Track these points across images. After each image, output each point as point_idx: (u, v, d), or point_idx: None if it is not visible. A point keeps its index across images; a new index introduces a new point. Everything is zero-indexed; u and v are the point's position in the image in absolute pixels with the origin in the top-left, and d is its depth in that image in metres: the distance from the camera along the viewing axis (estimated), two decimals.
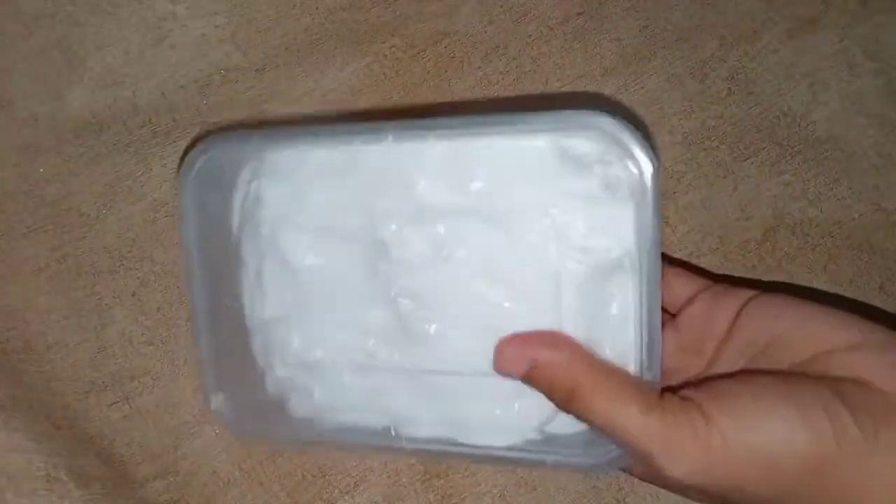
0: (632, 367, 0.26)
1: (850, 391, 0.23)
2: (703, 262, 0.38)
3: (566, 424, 0.28)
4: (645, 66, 0.39)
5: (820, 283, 0.37)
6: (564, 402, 0.25)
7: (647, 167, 0.24)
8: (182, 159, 0.31)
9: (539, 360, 0.25)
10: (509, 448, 0.28)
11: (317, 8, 0.40)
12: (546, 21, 0.40)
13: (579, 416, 0.25)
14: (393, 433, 0.29)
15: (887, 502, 0.22)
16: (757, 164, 0.38)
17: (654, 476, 0.25)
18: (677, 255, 0.38)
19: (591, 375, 0.24)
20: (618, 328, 0.26)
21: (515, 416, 0.28)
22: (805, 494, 0.23)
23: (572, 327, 0.26)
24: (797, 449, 0.22)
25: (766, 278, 0.37)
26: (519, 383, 0.26)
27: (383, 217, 0.28)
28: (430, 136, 0.27)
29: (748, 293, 0.28)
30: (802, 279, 0.37)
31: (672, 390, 0.26)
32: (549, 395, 0.25)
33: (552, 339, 0.26)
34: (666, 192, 0.38)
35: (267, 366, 0.31)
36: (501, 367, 0.26)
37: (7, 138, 0.39)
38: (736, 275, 0.37)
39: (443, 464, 0.36)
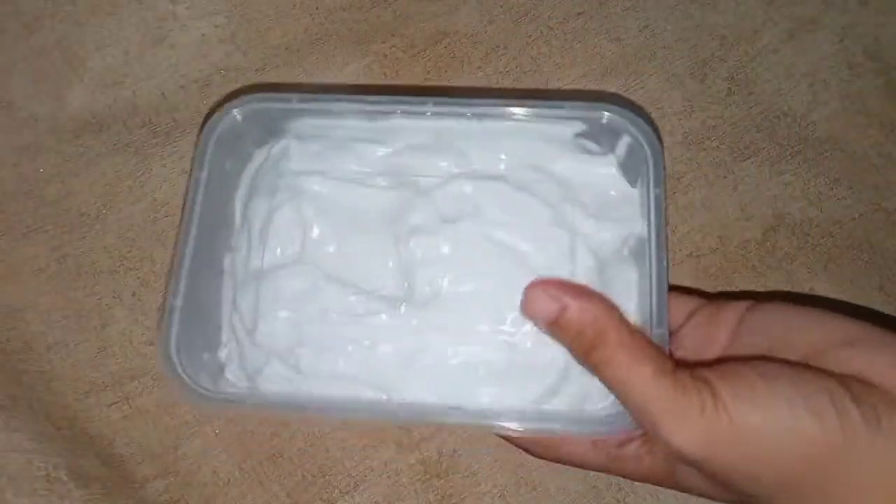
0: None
1: (853, 385, 0.23)
2: (703, 262, 0.38)
3: (562, 404, 0.28)
4: (645, 66, 0.39)
5: (820, 283, 0.37)
6: (585, 351, 0.25)
7: (654, 152, 0.28)
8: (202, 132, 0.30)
9: (571, 306, 0.24)
10: (512, 414, 0.27)
11: (317, 8, 0.40)
12: (546, 21, 0.40)
13: (595, 368, 0.25)
14: (384, 398, 0.28)
15: (891, 492, 0.22)
16: (757, 164, 0.38)
17: (650, 453, 0.26)
18: (677, 255, 0.38)
19: (617, 329, 0.24)
20: (626, 296, 0.28)
21: (516, 383, 0.28)
22: (806, 481, 0.23)
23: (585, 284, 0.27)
24: (802, 434, 0.22)
25: (766, 278, 0.37)
26: (522, 349, 0.27)
27: (413, 180, 0.29)
28: (467, 113, 0.29)
29: (745, 304, 0.28)
30: (802, 279, 0.37)
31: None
32: (572, 343, 0.25)
33: (583, 289, 0.26)
34: (666, 192, 0.38)
35: (252, 323, 0.28)
36: (530, 310, 0.25)
37: (7, 138, 0.39)
38: (736, 275, 0.37)
39: (443, 464, 0.36)
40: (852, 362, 0.24)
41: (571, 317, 0.25)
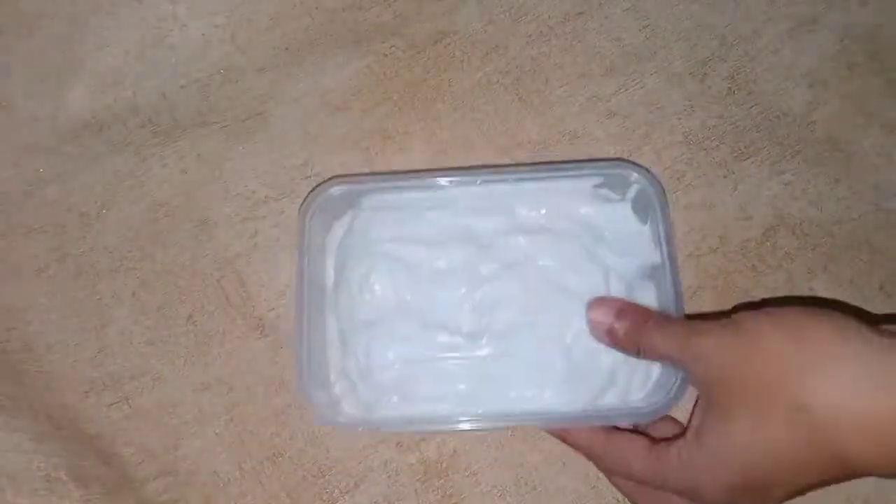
0: None
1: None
2: (703, 262, 0.38)
3: (614, 397, 0.34)
4: (645, 66, 0.39)
5: (820, 283, 0.37)
6: (634, 342, 0.31)
7: (662, 200, 0.34)
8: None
9: (623, 309, 0.33)
10: (574, 413, 0.34)
11: (317, 8, 0.40)
12: (546, 21, 0.40)
13: (646, 352, 0.31)
14: (458, 413, 0.34)
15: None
16: (757, 164, 0.38)
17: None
18: (677, 256, 0.38)
19: (652, 318, 0.31)
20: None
21: (575, 387, 0.34)
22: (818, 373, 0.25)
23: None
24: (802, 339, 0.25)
25: (766, 278, 0.37)
26: (578, 360, 0.34)
27: (477, 236, 0.36)
28: (510, 179, 0.36)
29: None
30: (802, 279, 0.37)
31: None
32: (624, 342, 0.32)
33: (626, 302, 0.34)
34: (666, 192, 0.38)
35: (367, 363, 0.35)
36: (594, 317, 0.33)
37: (7, 138, 0.39)
38: (736, 275, 0.37)
39: (443, 464, 0.36)
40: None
41: (618, 326, 0.32)
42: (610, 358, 0.34)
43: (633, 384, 0.35)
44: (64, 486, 0.32)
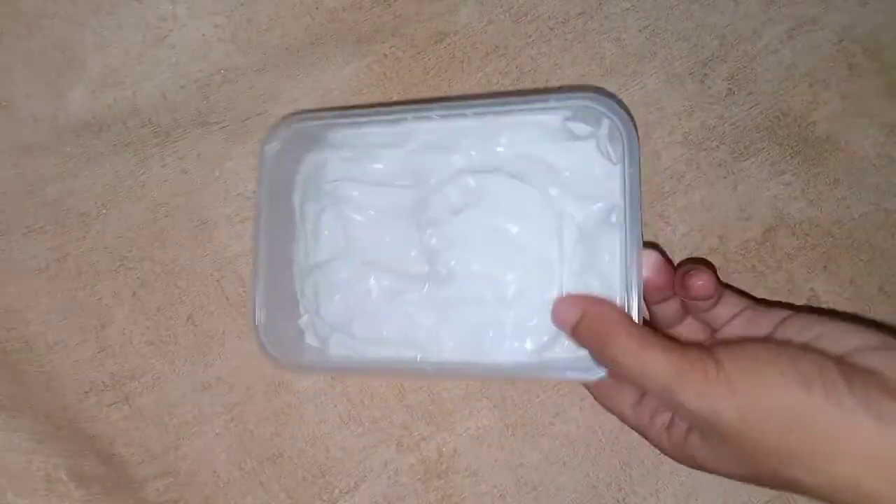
0: (616, 302, 0.31)
1: (856, 372, 0.26)
2: None
3: (562, 351, 0.33)
4: (645, 66, 0.39)
5: (820, 283, 0.37)
6: (600, 348, 0.29)
7: (630, 138, 0.31)
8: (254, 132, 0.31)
9: (587, 311, 0.30)
10: (516, 365, 0.33)
11: (317, 8, 0.40)
12: (546, 21, 0.40)
13: (612, 362, 0.28)
14: (418, 359, 0.34)
15: (869, 454, 0.24)
16: (757, 164, 0.38)
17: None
18: (677, 256, 0.38)
19: (624, 325, 0.29)
20: (612, 257, 0.32)
21: (518, 341, 0.33)
22: (799, 445, 0.25)
23: (570, 258, 0.33)
24: (791, 398, 0.25)
25: (766, 278, 0.37)
26: (524, 314, 0.33)
27: (427, 177, 0.35)
28: (468, 113, 0.34)
29: (784, 313, 0.31)
30: (802, 279, 0.37)
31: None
32: (590, 342, 0.30)
33: (595, 299, 0.31)
34: (666, 192, 0.38)
35: (316, 305, 0.35)
36: (558, 318, 0.31)
37: (7, 138, 0.39)
38: (737, 275, 0.37)
39: (443, 464, 0.36)
40: (873, 362, 0.26)
41: (584, 322, 0.30)
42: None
43: None
44: (64, 486, 0.32)
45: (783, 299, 0.37)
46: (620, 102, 0.33)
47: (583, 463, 0.35)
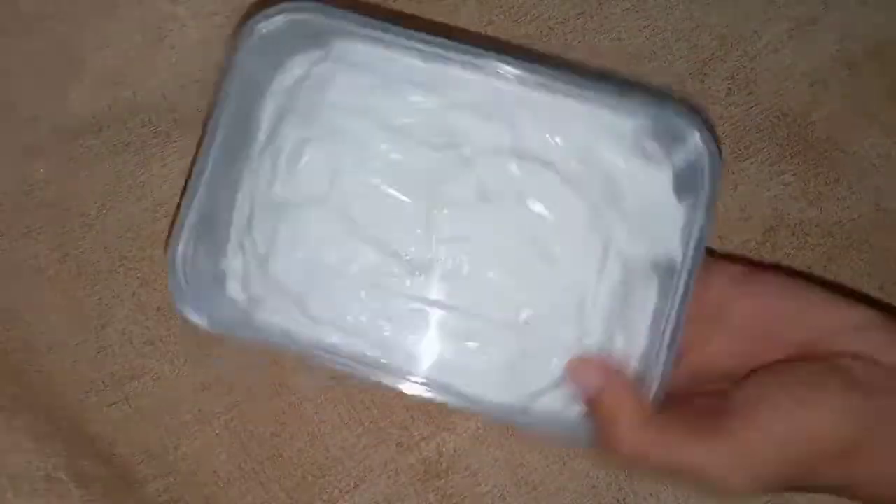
0: (634, 362, 0.27)
1: (854, 366, 0.26)
2: None
3: (555, 401, 0.28)
4: (645, 66, 0.39)
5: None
6: (604, 431, 0.27)
7: (714, 181, 0.25)
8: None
9: (609, 387, 0.27)
10: (500, 406, 0.28)
11: None
12: (546, 21, 0.40)
13: (612, 449, 0.27)
14: (382, 362, 0.27)
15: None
16: (757, 164, 0.38)
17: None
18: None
19: (635, 414, 0.26)
20: (642, 312, 0.28)
21: (513, 376, 0.28)
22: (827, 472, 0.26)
23: (606, 298, 0.27)
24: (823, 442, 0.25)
25: None
26: (531, 347, 0.28)
27: (460, 142, 0.27)
28: (532, 82, 0.27)
29: (738, 269, 0.30)
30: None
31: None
32: (598, 421, 0.27)
33: (618, 372, 0.27)
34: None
35: (265, 254, 0.27)
36: (576, 380, 0.28)
37: (7, 138, 0.39)
38: None
39: (443, 464, 0.36)
40: (860, 343, 0.27)
41: (604, 397, 0.27)
42: (563, 360, 0.27)
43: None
44: (64, 486, 0.32)
45: None
46: (713, 133, 0.27)
47: (583, 463, 0.35)
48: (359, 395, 0.37)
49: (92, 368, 0.37)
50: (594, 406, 0.27)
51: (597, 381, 0.27)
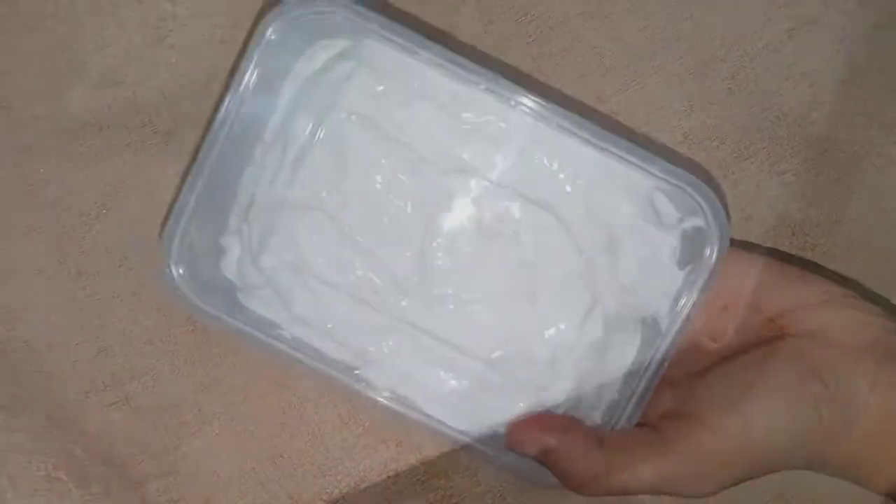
0: (598, 414, 0.28)
1: (807, 348, 0.26)
2: None
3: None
4: (645, 66, 0.39)
5: None
6: (558, 472, 0.27)
7: (715, 252, 0.25)
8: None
9: (548, 448, 0.27)
10: (462, 431, 0.28)
11: None
12: (546, 21, 0.40)
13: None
14: (356, 372, 0.28)
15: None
16: (757, 164, 0.38)
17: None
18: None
19: (587, 462, 0.26)
20: (618, 366, 0.28)
21: (475, 409, 0.28)
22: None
23: (580, 356, 0.27)
24: (787, 434, 0.25)
25: None
26: (503, 381, 0.28)
27: (464, 169, 0.27)
28: (553, 122, 0.26)
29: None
30: None
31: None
32: (550, 468, 0.27)
33: (561, 427, 0.27)
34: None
35: (258, 249, 0.28)
36: (511, 445, 0.27)
37: (7, 138, 0.39)
38: None
39: (443, 464, 0.36)
40: (816, 321, 0.27)
41: (553, 456, 0.26)
42: (527, 402, 0.28)
43: None
44: (64, 486, 0.32)
45: None
46: (725, 207, 0.26)
47: None
48: (359, 395, 0.37)
49: (92, 368, 0.37)
50: (540, 459, 0.27)
51: (534, 442, 0.27)
